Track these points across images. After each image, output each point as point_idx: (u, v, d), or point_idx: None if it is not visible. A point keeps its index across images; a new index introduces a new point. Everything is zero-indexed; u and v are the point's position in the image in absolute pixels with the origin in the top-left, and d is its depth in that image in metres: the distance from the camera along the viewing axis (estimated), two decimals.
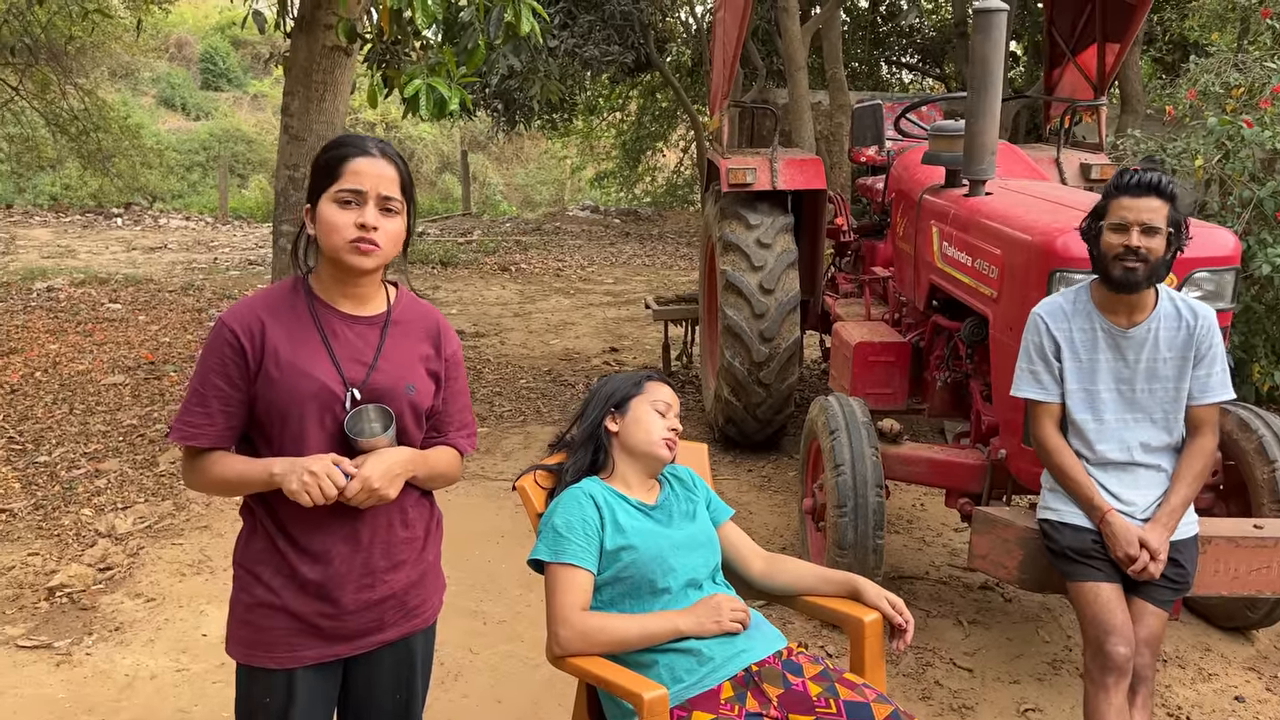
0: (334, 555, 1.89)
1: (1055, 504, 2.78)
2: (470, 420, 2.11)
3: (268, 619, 1.89)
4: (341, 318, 1.91)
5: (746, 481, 5.21)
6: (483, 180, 26.00)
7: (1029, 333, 2.84)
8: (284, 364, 1.84)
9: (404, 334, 1.96)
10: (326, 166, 1.86)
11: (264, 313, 1.87)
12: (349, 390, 1.86)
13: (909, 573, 4.21)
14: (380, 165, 1.86)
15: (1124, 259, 2.61)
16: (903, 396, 4.42)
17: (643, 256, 12.91)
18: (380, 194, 1.84)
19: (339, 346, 1.89)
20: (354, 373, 1.88)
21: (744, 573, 2.44)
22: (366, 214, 1.83)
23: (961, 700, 3.29)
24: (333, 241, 1.83)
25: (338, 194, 1.83)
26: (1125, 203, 2.63)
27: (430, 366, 1.98)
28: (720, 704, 2.08)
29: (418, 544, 2.01)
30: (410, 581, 1.99)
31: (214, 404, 1.84)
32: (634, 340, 8.27)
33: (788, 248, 5.19)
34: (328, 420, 1.86)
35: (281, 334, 1.85)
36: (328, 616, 1.90)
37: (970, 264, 3.67)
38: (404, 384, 1.92)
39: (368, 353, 1.91)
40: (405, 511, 1.97)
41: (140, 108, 23.69)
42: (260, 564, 1.90)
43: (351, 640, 1.94)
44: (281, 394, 1.83)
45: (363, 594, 1.92)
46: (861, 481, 3.50)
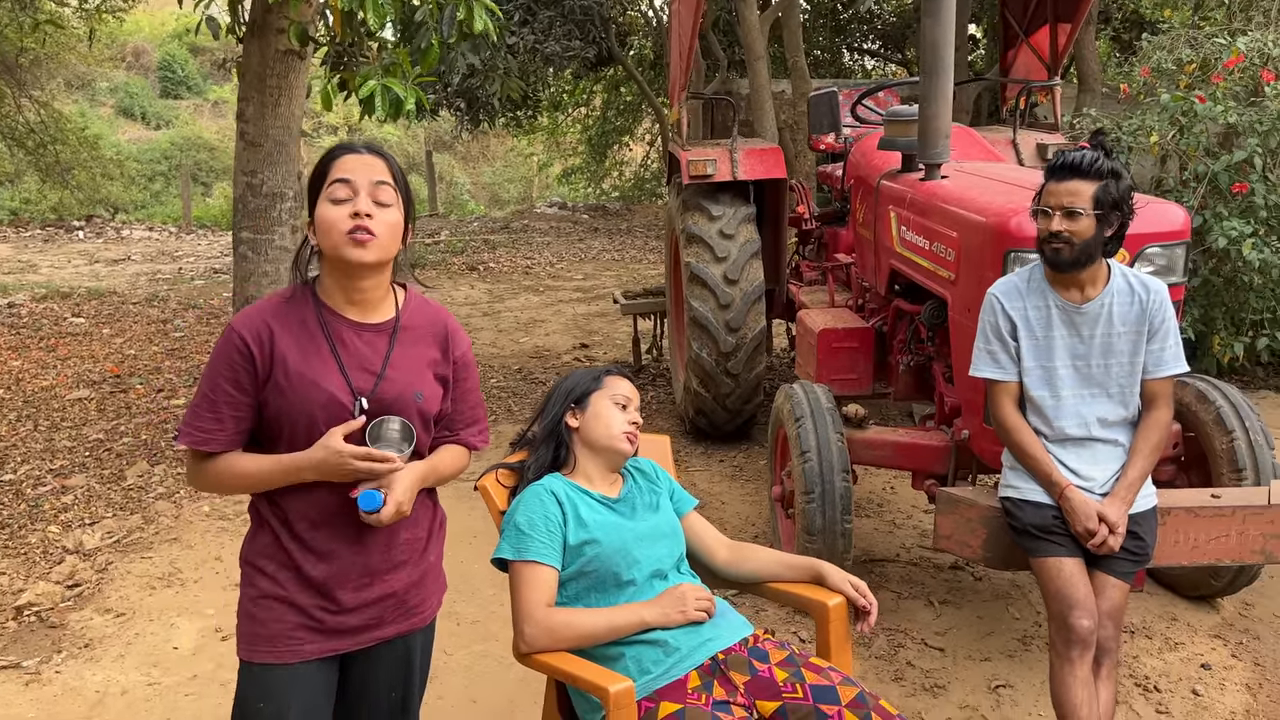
0: (337, 553, 1.91)
1: (1016, 481, 2.81)
2: (482, 416, 2.14)
3: (270, 611, 1.91)
4: (350, 325, 1.92)
5: (718, 472, 5.23)
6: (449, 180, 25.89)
7: (985, 313, 2.87)
8: (293, 373, 1.85)
9: (412, 340, 1.97)
10: (318, 171, 1.89)
11: (273, 320, 1.88)
12: (357, 399, 1.88)
13: (880, 556, 4.24)
14: (368, 159, 1.88)
15: (1049, 242, 2.67)
16: (868, 381, 4.45)
17: (612, 251, 12.90)
18: (372, 180, 1.86)
19: (347, 355, 1.90)
20: (362, 382, 1.89)
21: (709, 562, 2.45)
22: (359, 202, 1.84)
23: (934, 680, 3.32)
24: (331, 239, 1.84)
25: (330, 190, 1.85)
26: (1050, 187, 2.69)
27: (438, 371, 1.99)
28: (687, 693, 2.09)
29: (420, 544, 2.03)
30: (411, 581, 2.00)
31: (224, 410, 1.86)
32: (604, 335, 8.27)
33: (751, 238, 5.20)
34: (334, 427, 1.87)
35: (290, 342, 1.87)
36: (328, 612, 1.92)
37: (928, 247, 3.70)
38: (412, 392, 1.93)
39: (376, 361, 1.91)
40: (407, 516, 1.96)
41: (99, 118, 23.40)
42: (265, 558, 1.93)
43: (351, 636, 1.95)
44: (290, 403, 1.85)
45: (361, 593, 1.93)
46: (828, 467, 3.52)
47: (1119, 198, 2.64)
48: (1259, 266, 5.50)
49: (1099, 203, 2.62)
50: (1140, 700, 3.19)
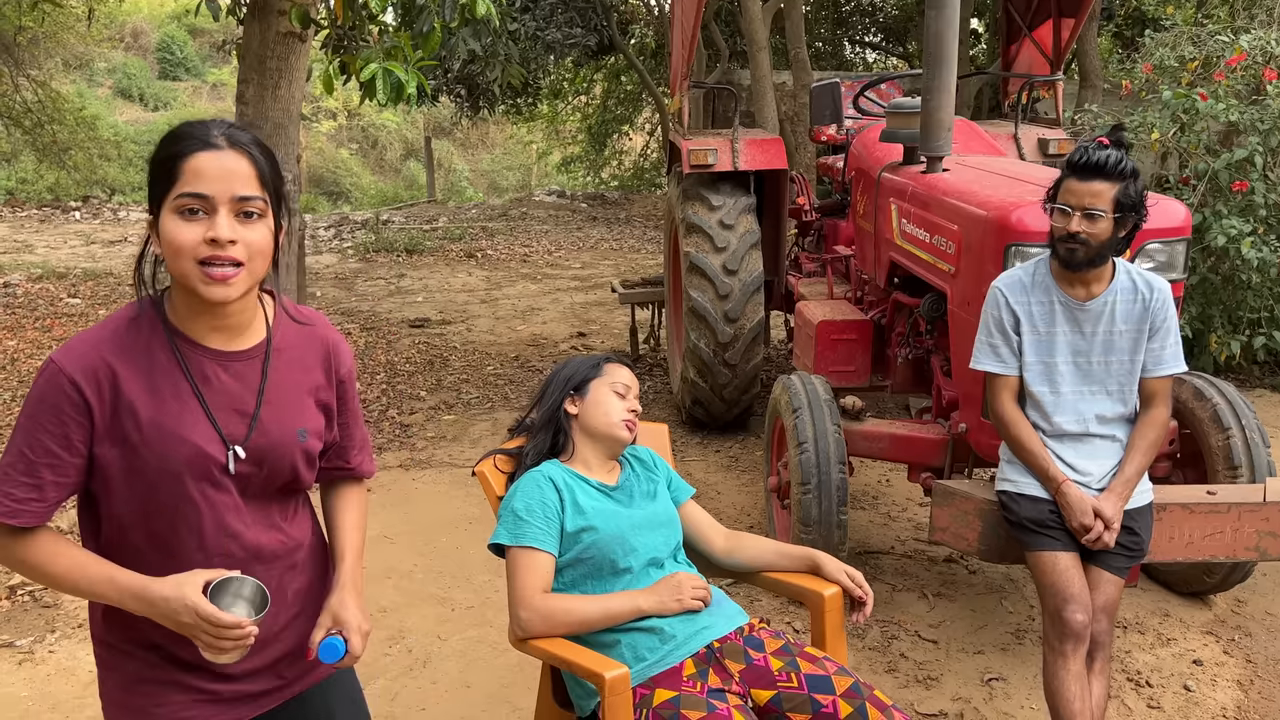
0: None
1: (1013, 475, 2.81)
2: (366, 435, 1.86)
3: (150, 697, 1.59)
4: (212, 357, 1.55)
5: (714, 462, 5.23)
6: (448, 167, 25.82)
7: (988, 306, 2.87)
8: (145, 424, 1.49)
9: (289, 365, 1.64)
10: (163, 166, 1.48)
11: (112, 355, 1.49)
12: (230, 449, 1.54)
13: (874, 548, 4.24)
14: (229, 159, 1.47)
15: (1065, 242, 2.65)
16: (865, 374, 4.45)
17: (610, 240, 12.87)
18: (234, 196, 1.46)
19: (212, 395, 1.54)
20: (234, 428, 1.55)
21: (706, 550, 2.45)
22: (218, 225, 1.44)
23: (926, 671, 3.33)
24: (180, 266, 1.45)
25: (179, 201, 1.45)
26: (1071, 186, 2.66)
27: (321, 397, 1.69)
28: (683, 681, 2.09)
29: (312, 591, 1.74)
30: (306, 632, 1.69)
31: (45, 474, 1.47)
32: (601, 324, 8.27)
33: (750, 228, 5.19)
34: (206, 491, 1.54)
35: (139, 385, 1.49)
36: (221, 682, 1.62)
37: (928, 240, 3.70)
38: (294, 431, 1.62)
39: (248, 398, 1.57)
40: (295, 567, 1.70)
41: (96, 99, 23.32)
42: (127, 642, 1.60)
43: (255, 701, 1.66)
44: (146, 462, 1.49)
45: (252, 660, 1.62)
46: (824, 459, 3.53)
47: (1137, 199, 2.63)
48: (1257, 265, 5.50)
49: (1119, 205, 2.60)
50: (1132, 695, 3.20)
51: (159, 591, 1.47)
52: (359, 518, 1.84)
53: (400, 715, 3.08)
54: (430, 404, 6.19)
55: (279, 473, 1.63)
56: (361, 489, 1.88)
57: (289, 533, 1.69)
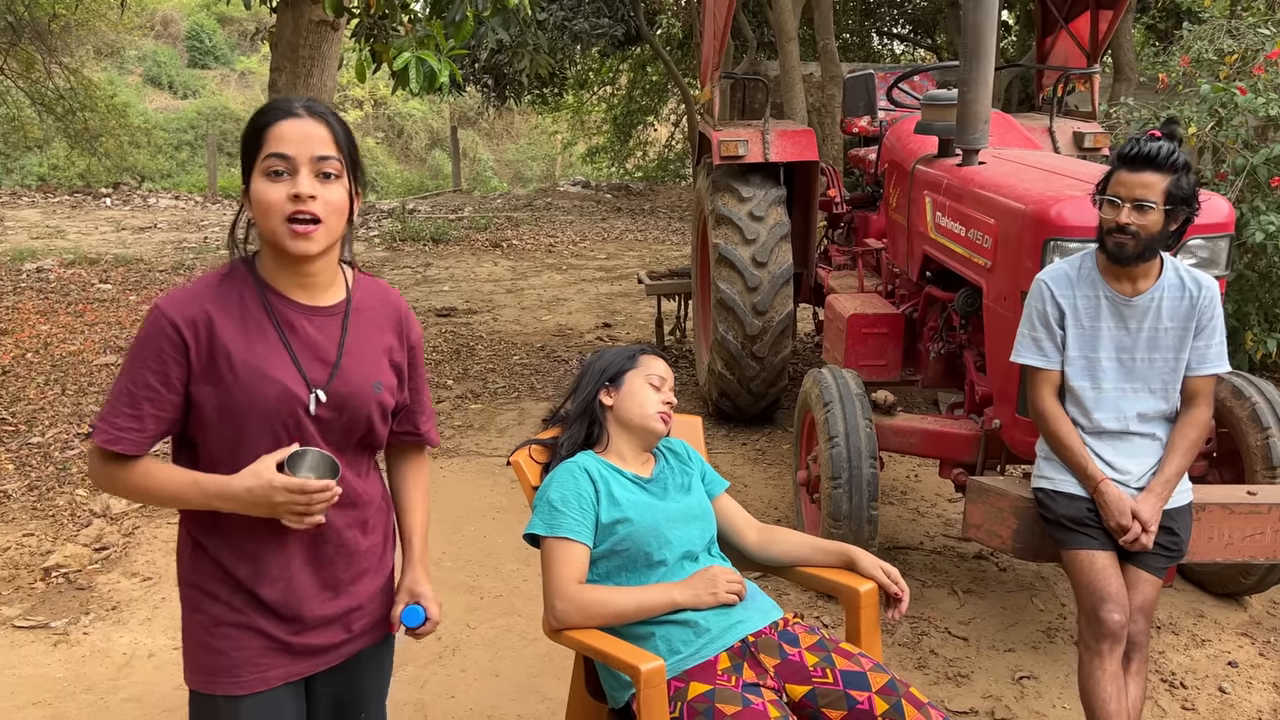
0: (293, 569, 1.72)
1: (1050, 472, 2.78)
2: (432, 405, 1.98)
3: (230, 639, 1.70)
4: (298, 309, 1.70)
5: (740, 455, 5.21)
6: (473, 156, 25.88)
7: (1032, 299, 2.83)
8: (239, 364, 1.63)
9: (366, 324, 1.78)
10: (251, 137, 1.65)
11: (210, 305, 1.65)
12: (313, 392, 1.68)
13: (903, 543, 4.22)
14: (308, 125, 1.63)
15: (1114, 234, 2.61)
16: (896, 368, 4.42)
17: (635, 231, 12.85)
18: (313, 155, 1.62)
19: (298, 343, 1.69)
20: (317, 373, 1.69)
21: (739, 544, 2.44)
22: (300, 183, 1.61)
23: (957, 669, 3.31)
24: (269, 224, 1.62)
25: (265, 164, 1.62)
26: (1121, 177, 2.61)
27: (395, 358, 1.82)
28: (717, 674, 2.08)
29: (379, 550, 1.86)
30: (374, 589, 1.85)
31: (145, 407, 1.63)
32: (627, 315, 8.26)
33: (780, 220, 5.16)
34: (288, 425, 1.67)
35: (233, 330, 1.65)
36: (293, 633, 1.74)
37: (964, 234, 3.66)
38: (371, 382, 1.75)
39: (330, 349, 1.71)
40: (365, 521, 1.82)
41: (127, 86, 23.50)
42: (213, 582, 1.72)
43: (318, 656, 1.78)
44: (237, 399, 1.63)
45: (327, 607, 1.76)
46: (855, 453, 3.51)
47: (1189, 193, 2.58)
48: None
49: (1170, 197, 2.56)
50: (1166, 696, 3.17)
51: (240, 484, 1.62)
52: (424, 495, 1.97)
53: (429, 702, 3.09)
54: (457, 393, 6.21)
55: (356, 422, 1.75)
56: (426, 459, 2.00)
57: (363, 488, 1.81)
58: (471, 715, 3.04)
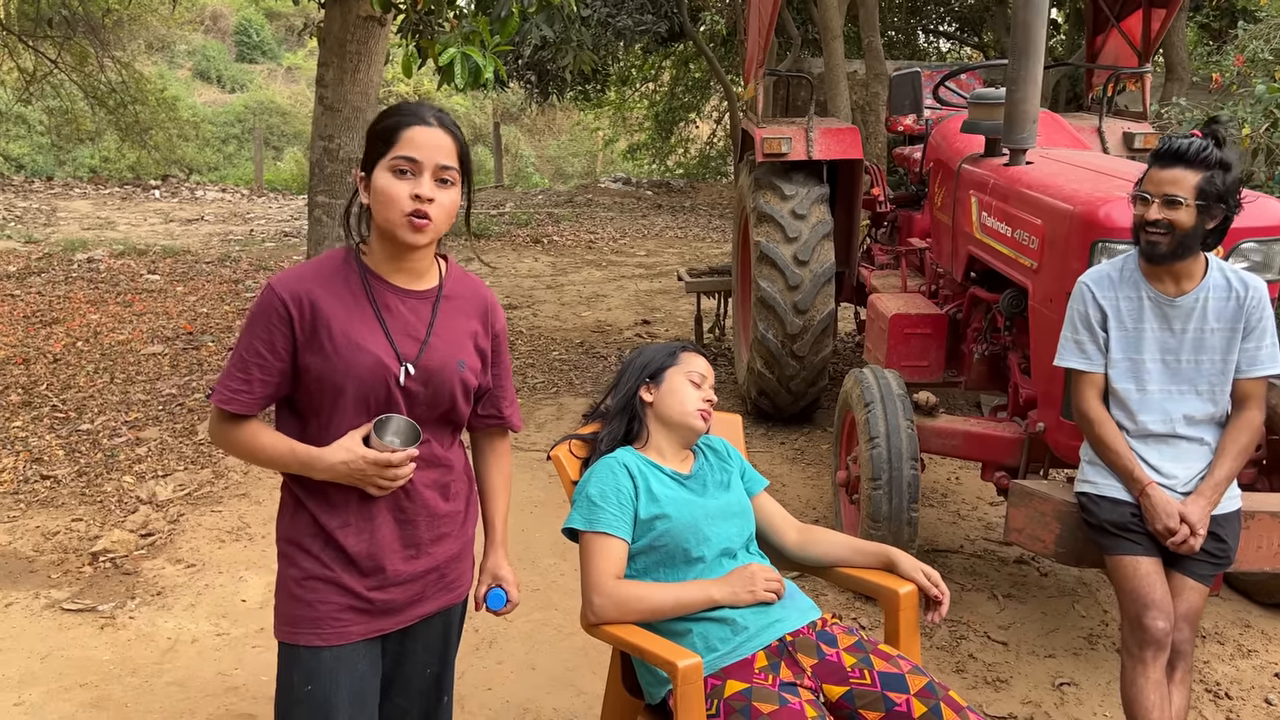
0: (380, 525, 1.88)
1: (1094, 476, 2.75)
2: (514, 392, 2.13)
3: (316, 592, 1.87)
4: (394, 291, 1.88)
5: (779, 454, 5.20)
6: (515, 152, 25.97)
7: (1075, 301, 2.80)
8: (338, 337, 1.81)
9: (455, 310, 1.94)
10: (383, 134, 1.82)
11: (315, 284, 1.84)
12: (403, 365, 1.85)
13: (943, 546, 4.18)
14: (438, 135, 1.81)
15: (1146, 230, 2.59)
16: (939, 369, 4.37)
17: (675, 229, 12.85)
18: (437, 164, 1.80)
19: (392, 321, 1.86)
20: (407, 348, 1.86)
21: (778, 543, 2.43)
22: (423, 185, 1.78)
23: (996, 673, 3.27)
24: (388, 214, 1.79)
25: (393, 162, 1.79)
26: (1152, 174, 2.60)
27: (479, 343, 1.97)
28: (754, 673, 2.08)
29: (459, 518, 2.01)
30: (451, 554, 1.99)
31: (254, 372, 1.82)
32: (666, 312, 8.26)
33: (823, 219, 5.14)
34: (379, 394, 1.85)
35: (335, 306, 1.82)
36: (375, 588, 1.89)
37: (1010, 234, 3.62)
38: (456, 360, 1.91)
39: (420, 328, 1.89)
40: (447, 486, 1.97)
41: (176, 80, 23.86)
42: (308, 537, 1.88)
43: (396, 614, 1.93)
44: (335, 367, 1.81)
45: (408, 564, 1.91)
46: (896, 454, 3.48)
47: (1224, 190, 2.54)
48: None
49: (1202, 194, 2.53)
50: (1210, 706, 3.12)
51: (333, 457, 1.81)
52: (506, 480, 2.14)
53: (467, 694, 3.12)
54: None
55: (441, 396, 1.90)
56: (508, 444, 2.17)
57: (444, 453, 1.96)
58: (507, 708, 3.06)
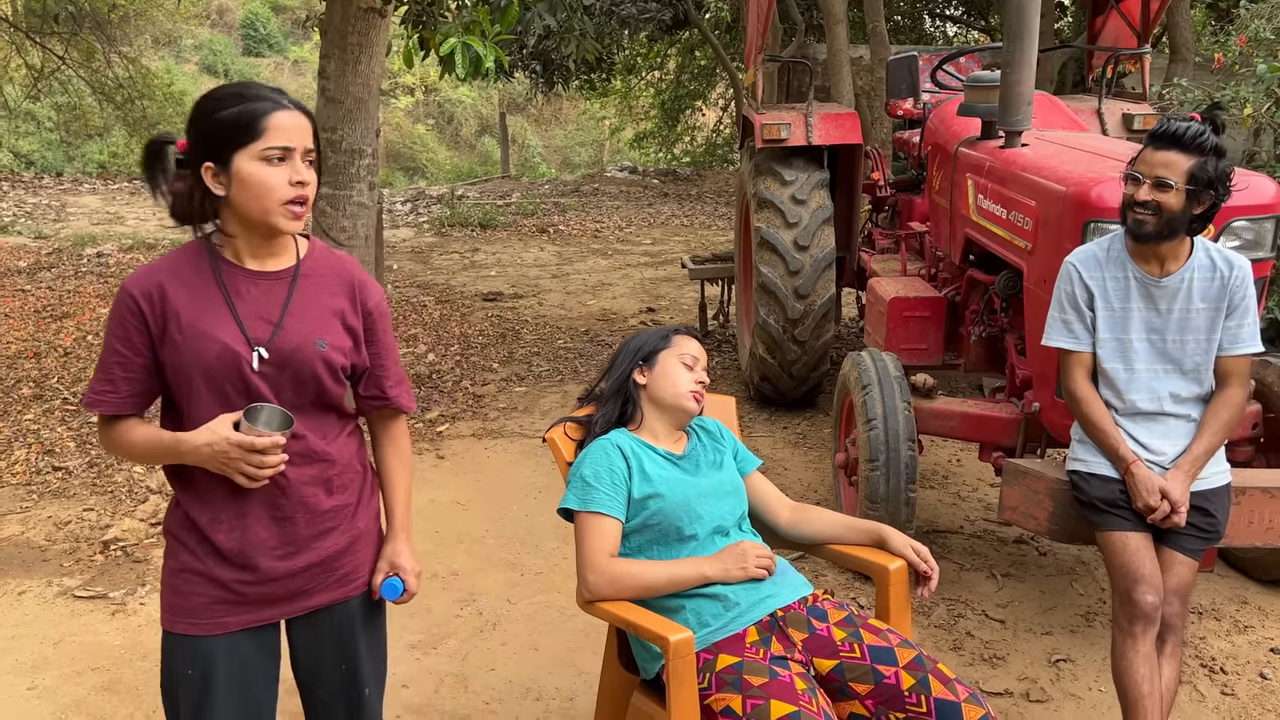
0: (251, 523, 1.84)
1: (1084, 455, 2.78)
2: (402, 372, 2.05)
3: (191, 584, 1.85)
4: (247, 275, 1.83)
5: (781, 438, 5.23)
6: (522, 142, 25.98)
7: (1061, 281, 2.83)
8: (185, 327, 1.78)
9: (315, 288, 1.89)
10: (241, 121, 1.74)
11: (165, 276, 1.80)
12: (255, 350, 1.80)
13: (943, 527, 4.22)
14: (299, 118, 1.79)
15: (1134, 209, 2.61)
16: (938, 352, 4.40)
17: (681, 217, 12.86)
18: (305, 147, 1.79)
19: (243, 305, 1.81)
20: (259, 331, 1.81)
21: (771, 522, 2.48)
22: (299, 170, 1.77)
23: (993, 651, 3.31)
24: (265, 204, 1.76)
25: (266, 151, 1.75)
26: (1146, 155, 2.62)
27: (347, 321, 1.91)
28: (745, 647, 2.12)
29: (348, 511, 1.94)
30: (338, 548, 1.92)
31: (116, 371, 1.80)
32: (671, 300, 8.29)
33: (823, 204, 5.16)
34: (234, 382, 1.80)
35: (183, 296, 1.79)
36: (248, 583, 1.85)
37: (1005, 216, 3.64)
38: (314, 340, 1.85)
39: (274, 310, 1.83)
40: (329, 481, 1.91)
41: (184, 75, 23.91)
42: (184, 529, 1.86)
43: (277, 605, 1.89)
44: (186, 358, 1.78)
45: (283, 562, 1.87)
46: (894, 436, 3.51)
47: (1215, 177, 2.56)
48: None
49: (1193, 178, 2.55)
50: (1205, 681, 3.15)
51: (198, 439, 1.77)
52: (404, 464, 2.07)
53: (470, 675, 3.17)
54: (502, 375, 6.29)
55: (302, 378, 1.85)
56: (404, 426, 2.09)
57: (325, 446, 1.90)
58: (510, 687, 3.11)
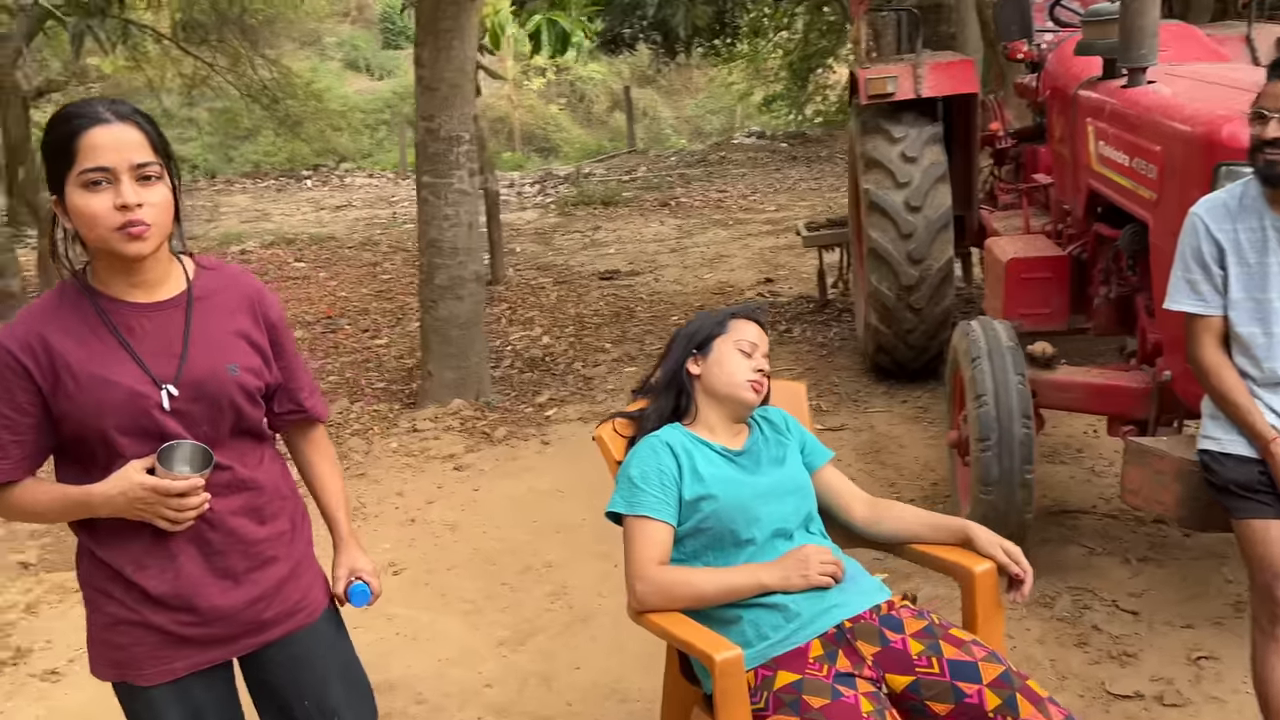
0: (183, 562, 1.70)
1: (1216, 432, 2.44)
2: (313, 379, 1.94)
3: (128, 636, 1.71)
4: (135, 309, 1.68)
5: (900, 413, 4.94)
6: (652, 115, 25.82)
7: (1185, 236, 2.50)
8: (80, 376, 1.62)
9: (214, 310, 1.74)
10: (58, 147, 1.59)
11: (43, 325, 1.65)
12: (163, 388, 1.65)
13: (1074, 506, 3.88)
14: (120, 131, 1.59)
15: (1264, 150, 2.25)
16: (1063, 316, 4.03)
17: (809, 180, 12.49)
18: (132, 164, 1.59)
19: (140, 342, 1.66)
20: (163, 368, 1.66)
21: (846, 519, 2.27)
22: (124, 192, 1.57)
23: (1123, 647, 3.00)
24: (97, 234, 1.60)
25: (82, 176, 1.58)
26: (1270, 87, 2.27)
27: (253, 339, 1.78)
28: (808, 663, 1.93)
29: (285, 538, 1.81)
30: (280, 578, 1.78)
31: (3, 435, 1.64)
32: (790, 269, 8.02)
33: (936, 160, 4.82)
34: (147, 425, 1.65)
35: (70, 344, 1.64)
36: (189, 624, 1.71)
37: (1128, 164, 3.27)
38: (225, 366, 1.71)
39: (174, 342, 1.68)
40: (260, 509, 1.77)
41: (329, 72, 24.80)
42: (106, 581, 1.72)
43: (225, 645, 1.76)
44: (87, 410, 1.63)
45: (225, 597, 1.73)
46: (1006, 412, 3.22)
47: None
48: None
49: None
50: None
51: (108, 489, 1.63)
52: (333, 470, 1.98)
53: (555, 674, 3.09)
54: (614, 356, 6.19)
55: (219, 408, 1.71)
56: (322, 433, 1.99)
57: (250, 474, 1.78)
58: (595, 688, 3.01)
